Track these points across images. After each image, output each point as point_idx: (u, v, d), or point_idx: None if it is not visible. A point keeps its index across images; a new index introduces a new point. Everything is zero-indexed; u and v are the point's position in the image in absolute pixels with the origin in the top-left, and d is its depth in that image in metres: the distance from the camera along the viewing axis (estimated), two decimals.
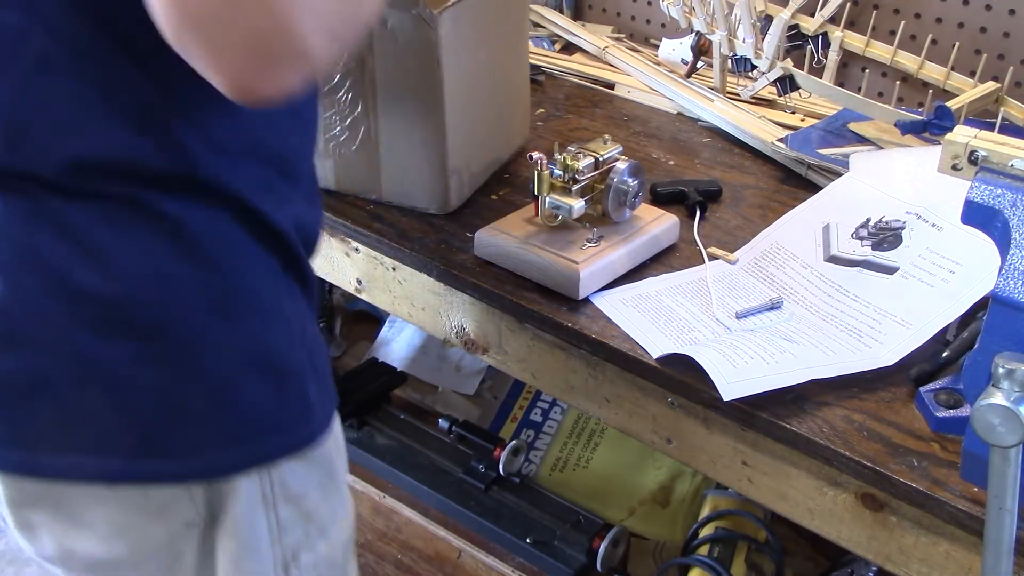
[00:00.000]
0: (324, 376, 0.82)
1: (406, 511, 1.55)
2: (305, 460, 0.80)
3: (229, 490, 0.76)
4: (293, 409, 0.77)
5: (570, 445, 1.63)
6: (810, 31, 1.34)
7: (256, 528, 0.79)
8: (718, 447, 0.94)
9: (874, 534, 0.86)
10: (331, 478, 0.85)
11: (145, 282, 0.69)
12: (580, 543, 1.38)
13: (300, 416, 0.78)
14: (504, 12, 1.19)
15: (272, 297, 0.75)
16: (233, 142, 0.71)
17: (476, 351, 1.12)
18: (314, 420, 0.79)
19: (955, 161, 0.79)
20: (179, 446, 0.73)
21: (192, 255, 0.70)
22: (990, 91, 1.21)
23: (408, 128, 1.10)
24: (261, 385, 0.74)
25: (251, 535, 0.79)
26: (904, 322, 0.92)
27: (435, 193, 1.13)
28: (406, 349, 1.85)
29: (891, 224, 1.03)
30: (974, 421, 0.65)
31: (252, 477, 0.76)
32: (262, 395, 0.74)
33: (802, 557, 1.40)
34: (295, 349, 0.77)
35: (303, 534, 0.83)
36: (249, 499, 0.77)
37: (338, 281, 1.25)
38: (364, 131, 1.12)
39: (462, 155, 1.13)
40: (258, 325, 0.74)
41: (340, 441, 0.87)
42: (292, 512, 0.81)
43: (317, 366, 0.80)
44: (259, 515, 0.79)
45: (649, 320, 0.97)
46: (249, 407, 0.74)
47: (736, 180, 1.24)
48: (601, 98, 1.49)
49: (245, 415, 0.74)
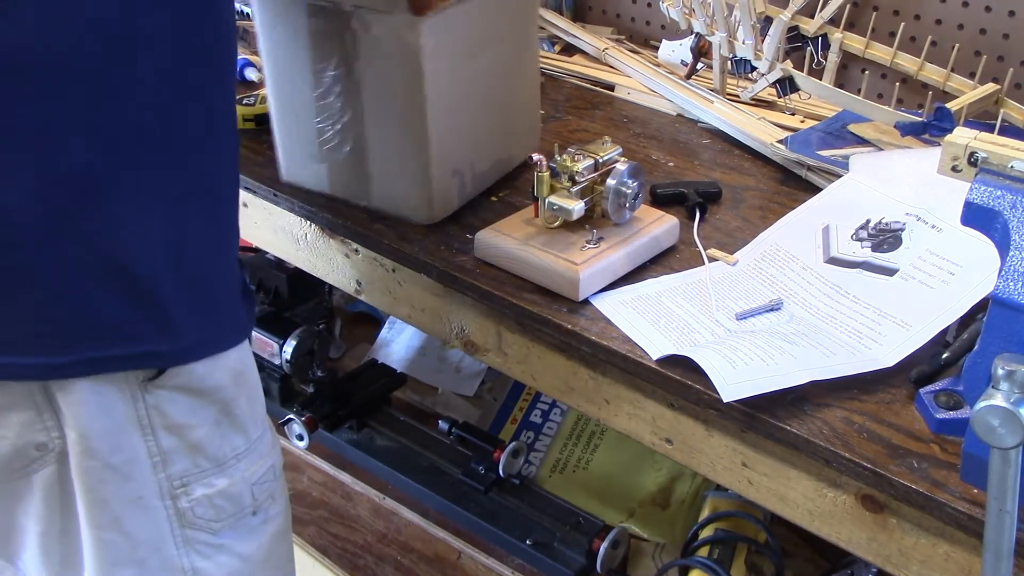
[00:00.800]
0: (216, 306, 0.82)
1: (406, 512, 1.55)
2: (188, 392, 0.81)
3: (78, 403, 0.77)
4: (144, 324, 0.77)
5: (570, 447, 1.63)
6: (810, 33, 1.34)
7: (129, 451, 0.80)
8: (718, 448, 0.94)
9: (874, 536, 0.86)
10: (228, 416, 0.85)
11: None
12: (580, 544, 1.38)
13: (155, 333, 0.78)
14: (508, 18, 1.15)
15: (136, 209, 0.75)
16: None
17: (476, 352, 1.11)
18: (179, 342, 0.79)
19: (955, 163, 0.79)
20: (18, 343, 0.74)
21: (36, 155, 0.70)
22: (990, 93, 1.21)
23: (394, 136, 1.08)
24: (101, 291, 0.74)
25: (122, 459, 0.80)
26: (904, 323, 0.92)
27: (420, 203, 1.11)
28: (406, 351, 1.85)
29: (891, 225, 1.03)
30: (974, 423, 0.65)
31: (114, 395, 0.78)
32: (101, 301, 0.75)
33: (802, 559, 1.40)
34: (160, 266, 0.76)
35: (192, 466, 0.84)
36: (114, 420, 0.78)
37: (338, 282, 1.25)
38: (354, 138, 1.11)
39: (450, 166, 1.10)
40: (105, 233, 0.73)
41: (250, 382, 0.88)
42: (175, 442, 0.82)
43: (205, 293, 0.81)
44: (134, 439, 0.80)
45: (649, 321, 0.97)
46: (83, 311, 0.74)
47: (736, 181, 1.24)
48: (601, 100, 1.49)
49: (79, 318, 0.75)
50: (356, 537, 1.57)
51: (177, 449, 0.83)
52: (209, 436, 0.84)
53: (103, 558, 0.84)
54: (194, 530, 0.86)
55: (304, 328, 1.58)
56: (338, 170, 1.15)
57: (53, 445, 0.80)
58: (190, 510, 0.85)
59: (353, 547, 1.56)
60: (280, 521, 0.95)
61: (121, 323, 0.76)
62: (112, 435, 0.79)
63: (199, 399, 0.83)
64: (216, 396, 0.84)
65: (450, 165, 1.11)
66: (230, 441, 0.86)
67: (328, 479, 1.62)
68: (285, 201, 1.20)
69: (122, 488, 0.81)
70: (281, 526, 0.95)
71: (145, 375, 0.79)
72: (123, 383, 0.79)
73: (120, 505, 0.82)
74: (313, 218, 1.19)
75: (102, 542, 0.83)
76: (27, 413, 0.78)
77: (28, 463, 0.81)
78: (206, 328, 0.82)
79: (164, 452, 0.82)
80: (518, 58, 1.19)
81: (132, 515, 0.83)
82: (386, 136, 1.09)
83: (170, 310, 0.78)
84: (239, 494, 0.88)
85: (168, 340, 0.79)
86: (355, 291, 1.23)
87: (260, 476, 0.90)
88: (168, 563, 0.86)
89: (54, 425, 0.79)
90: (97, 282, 0.74)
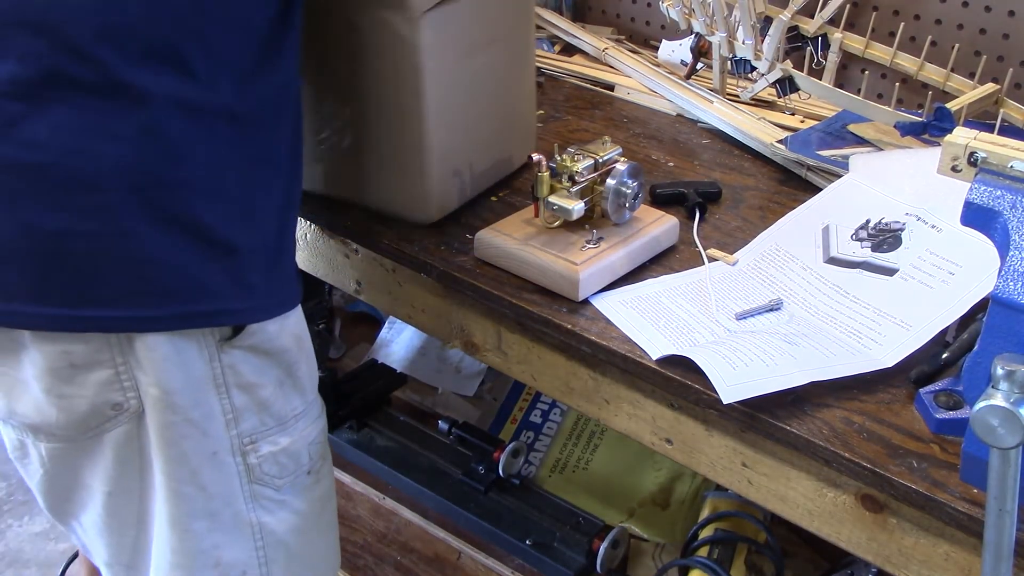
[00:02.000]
0: (281, 270, 0.89)
1: (406, 513, 1.55)
2: (259, 353, 0.86)
3: (161, 359, 0.81)
4: (225, 282, 0.82)
5: (570, 447, 1.63)
6: (810, 33, 1.34)
7: (207, 407, 0.85)
8: (718, 448, 0.94)
9: (874, 535, 0.86)
10: (291, 376, 0.91)
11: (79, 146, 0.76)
12: (580, 544, 1.38)
13: (234, 292, 0.83)
14: (506, 17, 1.14)
15: (217, 175, 0.81)
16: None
17: (476, 352, 1.11)
18: (253, 300, 0.85)
19: (955, 163, 0.79)
20: (106, 297, 0.78)
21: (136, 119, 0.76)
22: (990, 93, 1.21)
23: (391, 134, 1.08)
24: (188, 251, 0.79)
25: (200, 414, 0.85)
26: (904, 323, 0.92)
27: (417, 202, 1.10)
28: (405, 351, 1.85)
29: (891, 226, 1.03)
30: (974, 423, 0.65)
31: (193, 352, 0.82)
32: (187, 259, 0.79)
33: (802, 559, 1.40)
34: (237, 229, 0.82)
35: (259, 424, 0.89)
36: (193, 376, 0.83)
37: (337, 282, 1.25)
38: (352, 136, 1.10)
39: (448, 165, 1.10)
40: (193, 196, 0.79)
41: (307, 345, 0.94)
42: (247, 400, 0.87)
43: (272, 257, 0.87)
44: (211, 396, 0.85)
45: (649, 321, 0.97)
46: (171, 268, 0.79)
47: (736, 182, 1.24)
48: (601, 100, 1.49)
49: (167, 275, 0.79)
50: (356, 537, 1.57)
51: (248, 407, 0.87)
52: (274, 395, 0.89)
53: (179, 510, 0.87)
54: (260, 486, 0.90)
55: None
56: (334, 169, 1.15)
57: (128, 405, 0.83)
58: (258, 466, 0.89)
59: (353, 547, 1.56)
60: (328, 481, 1.00)
61: (206, 280, 0.81)
62: (192, 391, 0.83)
63: (268, 359, 0.87)
64: (282, 357, 0.89)
65: (448, 164, 1.10)
66: (291, 401, 0.91)
67: None
68: None
69: (200, 443, 0.85)
70: (329, 486, 1.00)
71: (223, 334, 0.84)
72: (202, 341, 0.83)
73: (198, 459, 0.86)
74: (313, 218, 1.19)
75: (180, 495, 0.87)
76: (106, 372, 0.82)
77: (103, 422, 0.84)
78: (275, 290, 0.87)
79: (236, 409, 0.87)
80: (516, 59, 1.19)
81: (208, 469, 0.87)
82: (383, 134, 1.08)
83: (246, 270, 0.83)
84: (298, 452, 0.93)
85: (245, 298, 0.84)
86: (355, 291, 1.23)
87: (315, 436, 0.95)
88: (238, 517, 0.90)
89: (131, 385, 0.82)
90: (183, 238, 0.79)
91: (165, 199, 0.78)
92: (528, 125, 1.25)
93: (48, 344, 0.80)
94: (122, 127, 0.76)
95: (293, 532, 0.94)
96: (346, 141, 1.11)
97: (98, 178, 0.76)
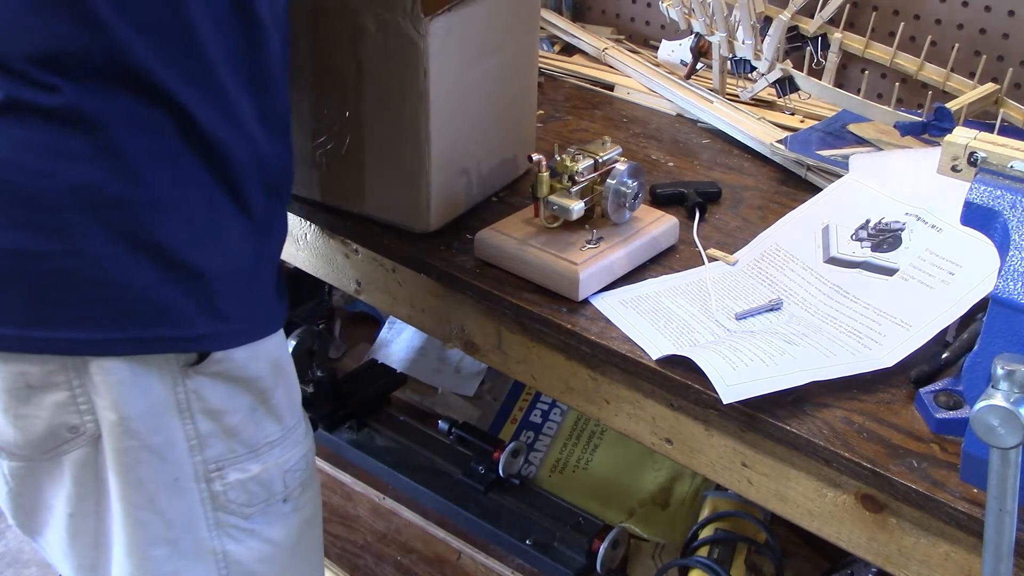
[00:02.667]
0: (255, 295, 0.85)
1: (406, 513, 1.55)
2: (227, 380, 0.84)
3: (119, 384, 0.79)
4: (188, 307, 0.80)
5: (570, 447, 1.63)
6: (809, 32, 1.34)
7: (167, 433, 0.83)
8: (718, 448, 0.94)
9: (874, 535, 0.86)
10: (264, 403, 0.88)
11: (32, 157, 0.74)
12: (580, 545, 1.38)
13: (198, 317, 0.80)
14: (513, 23, 1.13)
15: (180, 197, 0.78)
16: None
17: (476, 353, 1.11)
18: (219, 326, 0.82)
19: (954, 162, 0.79)
20: (62, 318, 0.77)
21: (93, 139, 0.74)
22: (989, 92, 1.21)
23: (392, 139, 1.06)
24: (148, 274, 0.77)
25: (160, 440, 0.82)
26: (904, 323, 0.92)
27: (415, 211, 1.09)
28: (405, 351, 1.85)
29: (890, 225, 1.03)
30: (974, 422, 0.65)
31: (154, 377, 0.80)
32: (147, 282, 0.77)
33: (802, 558, 1.40)
34: (204, 253, 0.80)
35: (227, 450, 0.86)
36: (153, 402, 0.81)
37: (337, 282, 1.25)
38: (350, 140, 1.09)
39: (448, 173, 1.09)
40: (153, 217, 0.77)
41: (286, 371, 0.91)
42: (213, 427, 0.84)
43: (245, 282, 0.83)
44: (173, 422, 0.83)
45: (649, 321, 0.97)
46: (129, 291, 0.77)
47: (735, 181, 1.24)
48: (600, 99, 1.49)
49: (125, 297, 0.77)
50: (356, 537, 1.57)
51: (214, 433, 0.85)
52: (245, 422, 0.86)
53: (137, 537, 0.86)
54: (226, 513, 0.88)
55: (304, 328, 1.58)
56: (331, 175, 1.13)
57: (85, 428, 0.82)
58: (223, 494, 0.87)
59: (353, 547, 1.56)
60: (310, 510, 0.97)
61: (167, 303, 0.79)
62: (151, 417, 0.81)
63: (238, 386, 0.85)
64: (255, 385, 0.86)
65: (449, 172, 1.09)
66: (264, 428, 0.88)
67: (328, 479, 1.62)
68: None
69: (159, 469, 0.83)
70: (311, 515, 0.97)
71: (187, 360, 0.81)
72: (164, 366, 0.81)
73: (155, 485, 0.84)
74: (313, 218, 1.19)
75: (137, 521, 0.85)
76: (62, 394, 0.80)
77: (59, 444, 0.83)
78: (247, 316, 0.84)
79: (201, 435, 0.84)
80: (521, 64, 1.17)
81: (167, 496, 0.85)
82: (384, 139, 1.07)
83: (213, 295, 0.81)
84: (271, 480, 0.90)
85: (210, 324, 0.81)
86: (355, 291, 1.23)
87: (293, 464, 0.92)
88: (200, 544, 0.88)
89: (88, 408, 0.81)
90: (142, 261, 0.77)
91: (124, 220, 0.76)
92: (529, 129, 1.24)
93: (4, 364, 0.79)
94: (79, 147, 0.74)
95: (263, 562, 0.91)
96: (344, 144, 1.10)
97: (55, 198, 0.74)
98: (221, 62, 0.78)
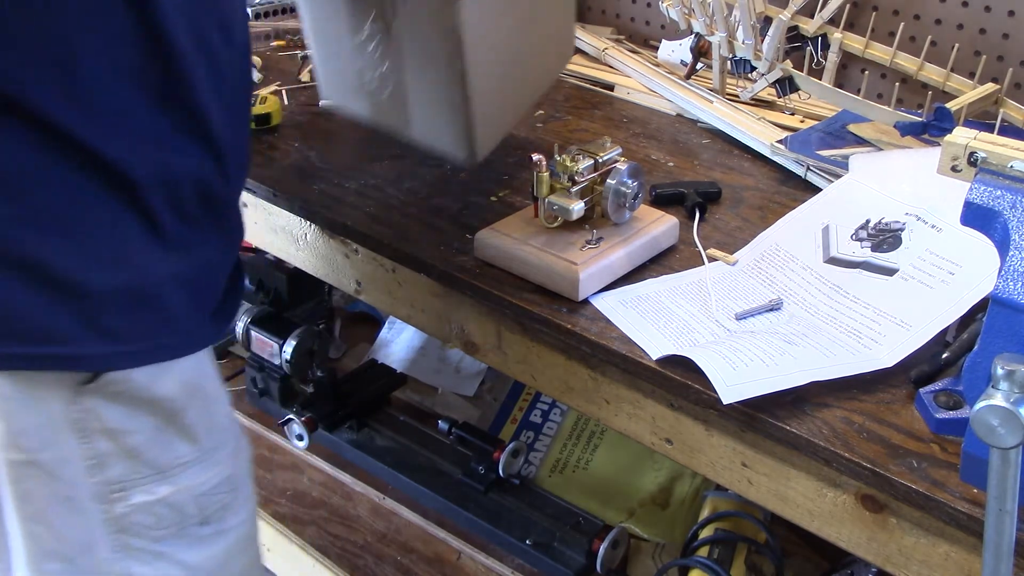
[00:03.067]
0: (160, 314, 0.81)
1: (406, 513, 1.55)
2: (125, 400, 0.80)
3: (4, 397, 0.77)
4: (73, 326, 0.77)
5: (570, 447, 1.63)
6: (809, 33, 1.34)
7: (61, 451, 0.80)
8: (718, 448, 0.94)
9: (874, 535, 0.86)
10: (173, 424, 0.84)
11: None
12: (580, 545, 1.38)
13: (86, 336, 0.77)
14: None
15: (66, 213, 0.75)
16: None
17: (476, 353, 1.11)
18: (111, 347, 0.79)
19: (954, 162, 0.79)
20: None
21: None
22: (989, 92, 1.21)
23: (433, 84, 1.05)
24: (27, 292, 0.75)
25: (51, 457, 0.80)
26: (904, 323, 0.92)
27: (460, 143, 1.08)
28: (405, 351, 1.85)
29: (890, 225, 1.03)
30: (974, 423, 0.65)
31: (44, 393, 0.78)
32: (27, 300, 0.75)
33: (802, 558, 1.40)
34: (92, 270, 0.76)
35: (130, 471, 0.83)
36: (45, 418, 0.79)
37: (337, 282, 1.25)
38: (394, 84, 1.08)
39: (489, 108, 1.08)
40: (33, 236, 0.74)
41: (207, 391, 0.87)
42: (112, 447, 0.81)
43: (144, 301, 0.80)
44: (69, 440, 0.80)
45: (649, 321, 0.97)
46: (8, 308, 0.75)
47: (735, 181, 1.24)
48: (601, 99, 1.49)
49: (8, 315, 0.75)
50: (356, 537, 1.57)
51: (114, 453, 0.82)
52: (149, 443, 0.83)
53: (30, 549, 0.84)
54: (131, 536, 0.84)
55: (304, 328, 1.58)
56: (378, 106, 1.12)
57: None
58: (126, 516, 0.83)
59: (353, 547, 1.56)
60: (240, 533, 0.92)
61: (48, 322, 0.76)
62: (42, 433, 0.79)
63: (138, 407, 0.81)
64: (159, 406, 0.82)
65: (489, 107, 1.08)
66: (174, 449, 0.85)
67: (328, 479, 1.62)
68: (284, 201, 1.20)
69: (48, 486, 0.81)
70: (240, 538, 0.93)
71: (81, 379, 0.78)
72: (55, 384, 0.78)
73: (45, 501, 0.82)
74: (313, 218, 1.19)
75: (29, 533, 0.83)
76: None
77: None
78: (148, 336, 0.80)
79: (100, 455, 0.81)
80: None
81: (60, 513, 0.82)
82: (425, 83, 1.06)
83: (103, 314, 0.77)
84: (183, 503, 0.86)
85: (99, 344, 0.78)
86: (355, 291, 1.23)
87: (212, 487, 0.88)
88: (100, 566, 0.84)
89: None
90: (21, 278, 0.75)
91: (2, 236, 0.74)
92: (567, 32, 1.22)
93: None
94: None
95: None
96: (388, 87, 1.08)
97: None
98: (114, 80, 0.75)
